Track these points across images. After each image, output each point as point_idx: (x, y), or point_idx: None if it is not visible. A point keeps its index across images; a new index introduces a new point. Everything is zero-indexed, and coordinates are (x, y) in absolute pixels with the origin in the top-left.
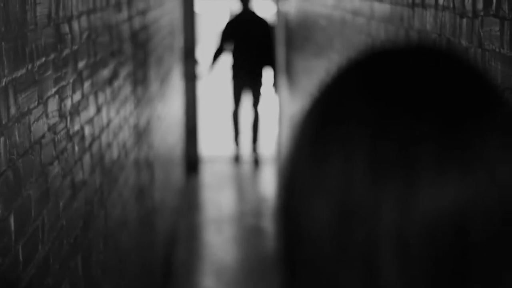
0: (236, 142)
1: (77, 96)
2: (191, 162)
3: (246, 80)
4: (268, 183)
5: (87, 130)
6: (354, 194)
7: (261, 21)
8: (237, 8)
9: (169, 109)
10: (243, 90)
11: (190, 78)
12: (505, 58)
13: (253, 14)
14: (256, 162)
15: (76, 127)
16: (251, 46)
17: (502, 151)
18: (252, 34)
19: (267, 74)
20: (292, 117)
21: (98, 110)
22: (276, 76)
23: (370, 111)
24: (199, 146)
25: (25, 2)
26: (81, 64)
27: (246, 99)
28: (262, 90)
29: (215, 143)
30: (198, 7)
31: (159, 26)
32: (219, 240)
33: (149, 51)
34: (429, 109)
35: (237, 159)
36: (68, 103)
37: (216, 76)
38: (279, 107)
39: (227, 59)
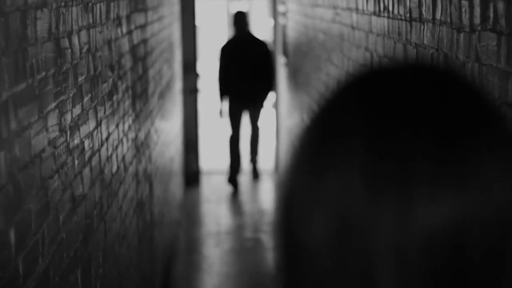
0: (233, 168)
1: (77, 110)
2: (191, 175)
3: (244, 103)
4: (267, 196)
5: (87, 144)
6: (352, 208)
7: (258, 43)
8: (234, 30)
9: (168, 122)
10: (241, 113)
11: (190, 91)
12: (502, 72)
13: (249, 35)
14: (256, 174)
15: (76, 141)
16: (248, 68)
17: (498, 166)
18: (249, 56)
19: (266, 96)
20: (291, 130)
21: (98, 124)
22: (275, 97)
23: (369, 126)
24: (199, 159)
25: (26, 17)
26: (80, 79)
27: (245, 120)
28: (261, 111)
29: (215, 156)
30: (198, 20)
31: (158, 40)
32: (218, 253)
33: (148, 65)
34: (426, 124)
35: (233, 182)
36: (68, 117)
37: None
38: (277, 119)
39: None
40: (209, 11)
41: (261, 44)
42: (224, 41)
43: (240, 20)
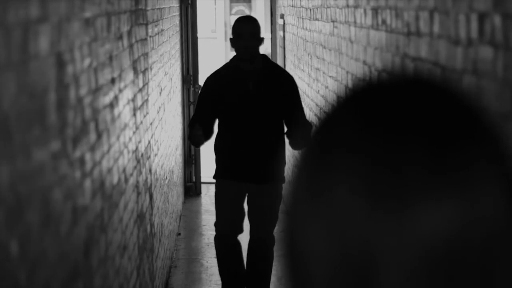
0: None
1: (78, 123)
2: (191, 186)
3: (247, 182)
4: None
5: (88, 156)
6: (351, 220)
7: (276, 75)
8: (235, 51)
9: (168, 134)
10: (241, 199)
11: (190, 103)
12: (499, 85)
13: (262, 61)
14: None
15: (77, 153)
16: (258, 121)
17: (490, 178)
18: (260, 99)
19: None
20: None
21: (99, 136)
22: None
23: (365, 138)
24: (199, 170)
25: (28, 31)
26: (82, 92)
27: (247, 215)
28: (278, 200)
29: (214, 167)
30: (199, 32)
31: (158, 53)
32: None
33: (148, 77)
34: (421, 135)
35: None
36: (69, 129)
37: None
38: None
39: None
40: (210, 22)
41: (281, 78)
42: (215, 69)
43: (245, 33)
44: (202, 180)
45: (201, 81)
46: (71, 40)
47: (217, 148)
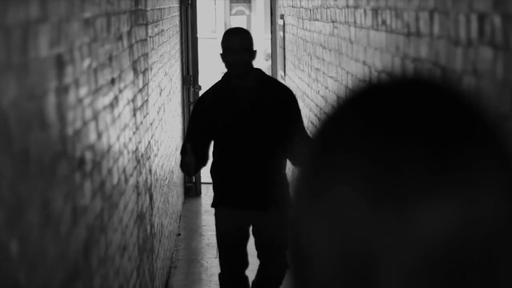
0: None
1: (78, 123)
2: (191, 186)
3: (249, 211)
4: None
5: (88, 156)
6: (352, 220)
7: (274, 92)
8: (226, 66)
9: (168, 134)
10: (244, 231)
11: (190, 103)
12: (498, 86)
13: (257, 76)
14: None
15: (77, 153)
16: (258, 143)
17: (490, 178)
18: (258, 119)
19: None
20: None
21: (99, 136)
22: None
23: (366, 138)
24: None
25: (27, 31)
26: (82, 92)
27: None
28: (285, 229)
29: None
30: (199, 33)
31: (158, 53)
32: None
33: (148, 78)
34: (421, 135)
35: None
36: (69, 129)
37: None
38: None
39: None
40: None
41: (279, 94)
42: (209, 87)
43: (236, 46)
44: (202, 180)
45: (201, 81)
46: (71, 41)
47: (213, 173)
